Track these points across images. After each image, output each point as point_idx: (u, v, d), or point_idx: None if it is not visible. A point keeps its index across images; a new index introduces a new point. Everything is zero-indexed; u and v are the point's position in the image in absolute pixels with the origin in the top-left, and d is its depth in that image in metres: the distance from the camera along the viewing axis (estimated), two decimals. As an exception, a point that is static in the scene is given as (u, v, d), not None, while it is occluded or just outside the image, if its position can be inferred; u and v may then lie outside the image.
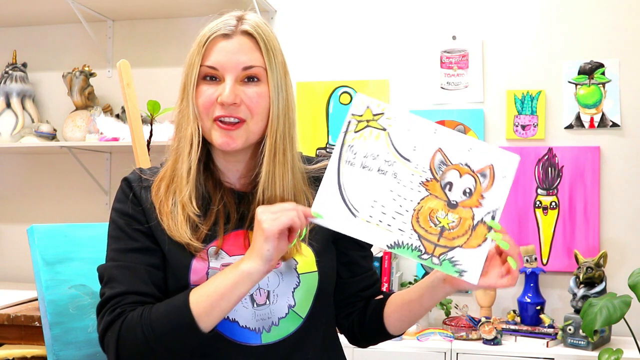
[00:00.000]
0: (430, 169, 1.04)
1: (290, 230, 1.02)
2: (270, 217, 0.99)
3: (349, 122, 1.04)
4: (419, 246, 1.03)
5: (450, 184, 1.04)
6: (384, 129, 1.04)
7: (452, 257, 1.03)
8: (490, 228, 1.03)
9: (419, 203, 1.03)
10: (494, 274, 1.04)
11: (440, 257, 1.03)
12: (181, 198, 1.11)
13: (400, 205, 1.03)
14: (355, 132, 1.04)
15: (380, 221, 1.03)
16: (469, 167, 1.04)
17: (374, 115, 1.05)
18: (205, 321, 1.02)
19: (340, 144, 1.04)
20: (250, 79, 1.12)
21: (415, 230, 1.03)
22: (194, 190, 1.11)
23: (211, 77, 1.12)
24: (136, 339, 1.02)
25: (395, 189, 1.03)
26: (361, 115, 1.05)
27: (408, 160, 1.04)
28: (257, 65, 1.11)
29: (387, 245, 1.03)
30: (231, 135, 1.10)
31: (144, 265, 1.09)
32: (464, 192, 1.04)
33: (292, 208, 1.01)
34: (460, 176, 1.04)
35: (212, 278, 1.05)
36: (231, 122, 1.10)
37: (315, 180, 1.18)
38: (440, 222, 1.03)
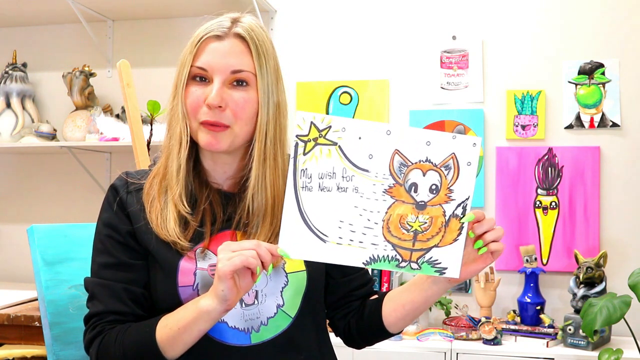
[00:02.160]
0: (392, 174, 1.00)
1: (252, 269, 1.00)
2: (226, 257, 0.98)
3: (296, 145, 0.99)
4: (395, 256, 1.01)
5: (415, 184, 1.00)
6: (335, 143, 0.99)
7: (430, 257, 1.01)
8: (463, 222, 1.02)
9: (386, 212, 1.00)
10: (483, 255, 1.05)
11: (419, 261, 1.01)
12: (172, 196, 1.12)
13: (368, 219, 1.00)
14: (305, 154, 0.99)
15: (352, 240, 1.00)
16: (430, 162, 1.00)
17: (320, 131, 0.99)
18: (170, 351, 1.05)
19: (292, 170, 0.99)
20: (239, 82, 1.11)
21: (388, 241, 1.00)
22: (184, 189, 1.12)
23: (201, 77, 1.12)
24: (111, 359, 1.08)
25: (360, 204, 1.00)
26: (307, 135, 0.99)
27: (366, 170, 1.00)
28: (246, 69, 1.11)
29: (363, 263, 1.01)
30: (216, 136, 1.10)
31: (123, 283, 1.12)
32: (431, 190, 1.01)
33: (252, 247, 0.99)
34: (424, 174, 1.00)
35: (179, 308, 1.06)
36: (216, 124, 1.10)
37: None
38: (412, 227, 1.00)
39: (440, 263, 1.02)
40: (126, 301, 1.11)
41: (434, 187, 1.01)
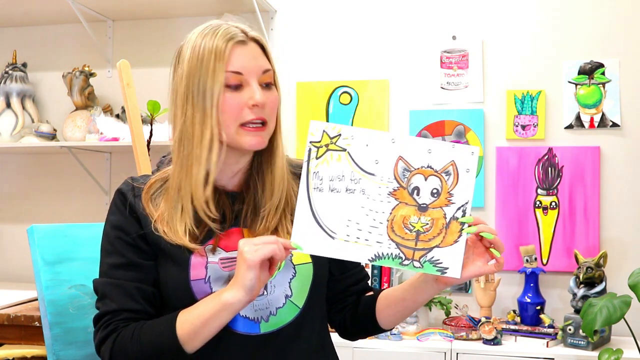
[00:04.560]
0: (396, 178, 1.08)
1: (271, 263, 1.05)
2: (252, 248, 1.03)
3: (309, 150, 1.08)
4: (399, 254, 1.07)
5: (417, 188, 1.08)
6: (344, 150, 1.08)
7: (432, 257, 1.07)
8: (462, 223, 1.07)
9: (390, 213, 1.07)
10: (480, 261, 1.09)
11: (421, 260, 1.08)
12: (198, 202, 1.13)
13: (374, 219, 1.07)
14: (317, 158, 1.08)
15: (358, 238, 1.07)
16: (431, 168, 1.08)
17: (332, 138, 1.08)
18: (190, 344, 1.08)
19: (305, 172, 1.08)
20: (267, 85, 1.17)
21: (392, 240, 1.07)
22: (212, 193, 1.14)
23: (233, 85, 1.13)
24: (127, 358, 1.10)
25: (366, 205, 1.08)
26: (319, 141, 1.08)
27: (372, 174, 1.08)
28: (270, 68, 1.18)
29: (369, 259, 1.07)
30: (261, 135, 1.15)
31: (134, 282, 1.14)
32: (432, 194, 1.08)
33: (273, 241, 1.04)
34: (425, 179, 1.08)
35: (198, 303, 1.09)
36: (259, 124, 1.15)
37: (295, 176, 1.24)
38: (414, 227, 1.07)
39: (441, 263, 1.07)
40: (138, 299, 1.14)
41: (435, 191, 1.08)
